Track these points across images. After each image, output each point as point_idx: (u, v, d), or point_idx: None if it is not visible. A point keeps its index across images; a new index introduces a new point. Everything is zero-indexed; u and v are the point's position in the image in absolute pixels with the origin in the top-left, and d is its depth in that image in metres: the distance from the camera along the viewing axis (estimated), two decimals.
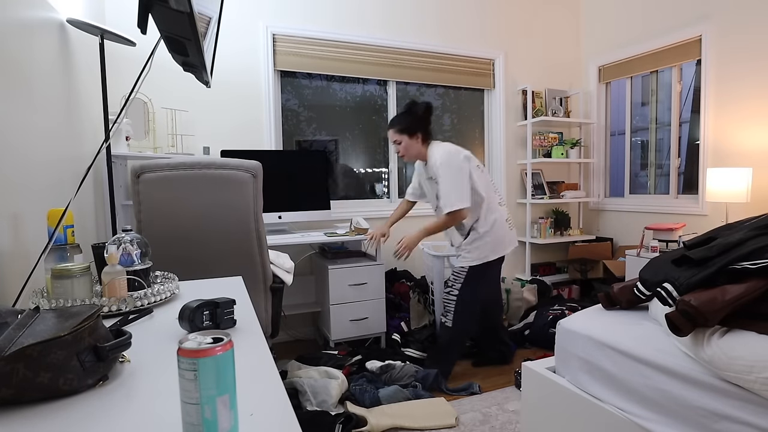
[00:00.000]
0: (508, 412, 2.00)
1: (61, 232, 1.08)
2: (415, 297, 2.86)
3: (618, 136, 3.89)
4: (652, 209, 3.36)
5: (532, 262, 3.71)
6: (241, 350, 0.72)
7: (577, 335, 1.43)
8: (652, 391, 1.18)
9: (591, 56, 3.83)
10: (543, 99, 3.66)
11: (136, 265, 1.06)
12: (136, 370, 0.65)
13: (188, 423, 0.45)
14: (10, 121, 1.19)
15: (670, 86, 3.36)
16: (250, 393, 0.57)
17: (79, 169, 1.80)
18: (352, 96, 3.28)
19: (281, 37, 2.91)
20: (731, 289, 1.04)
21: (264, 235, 1.66)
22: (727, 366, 1.01)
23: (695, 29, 3.00)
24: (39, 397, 0.56)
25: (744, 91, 2.77)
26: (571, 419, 1.42)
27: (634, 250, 2.97)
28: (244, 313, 0.93)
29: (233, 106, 2.83)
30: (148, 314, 0.94)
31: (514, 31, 3.64)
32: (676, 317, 1.09)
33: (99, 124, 2.18)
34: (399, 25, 3.24)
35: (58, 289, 0.92)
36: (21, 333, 0.59)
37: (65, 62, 1.72)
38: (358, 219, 2.68)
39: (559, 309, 2.85)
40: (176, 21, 1.10)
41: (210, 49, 1.67)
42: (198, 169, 1.54)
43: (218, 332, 0.49)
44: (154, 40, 2.51)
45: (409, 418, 1.89)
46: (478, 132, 3.71)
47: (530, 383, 1.59)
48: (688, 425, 1.10)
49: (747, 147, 2.77)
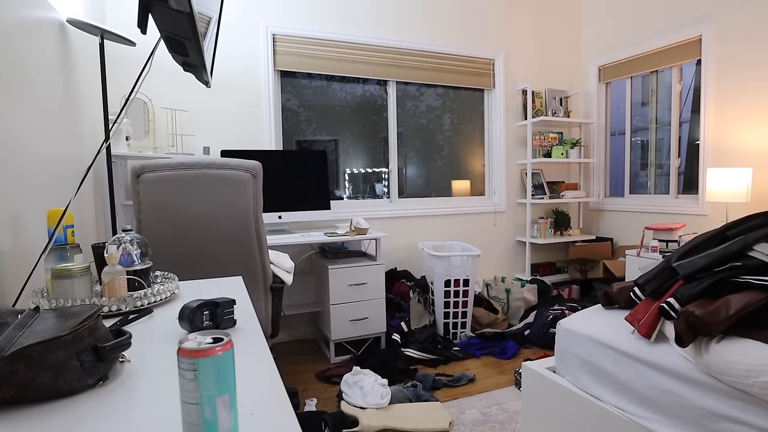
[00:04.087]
0: (508, 412, 2.00)
1: (61, 232, 1.08)
2: (415, 297, 2.86)
3: (618, 136, 3.89)
4: (652, 209, 3.36)
5: (532, 262, 3.71)
6: (241, 350, 0.72)
7: (577, 335, 1.43)
8: (652, 391, 1.18)
9: (591, 56, 3.83)
10: (543, 99, 3.66)
11: (136, 265, 1.06)
12: (136, 370, 0.65)
13: (188, 423, 0.45)
14: (10, 121, 1.19)
15: (670, 86, 3.35)
16: (250, 393, 0.57)
17: (79, 169, 1.80)
18: (352, 96, 3.28)
19: (281, 37, 2.91)
20: (734, 302, 1.06)
21: (264, 235, 1.66)
22: (725, 371, 1.01)
23: (695, 29, 3.00)
24: (39, 397, 0.56)
25: (744, 91, 2.77)
26: (571, 419, 1.42)
27: (634, 250, 2.97)
28: (244, 313, 0.93)
29: (233, 106, 2.83)
30: (148, 314, 0.94)
31: (514, 31, 3.64)
32: (680, 328, 1.09)
33: (99, 124, 2.18)
34: (399, 25, 3.24)
35: (58, 289, 0.92)
36: (21, 333, 0.59)
37: (65, 62, 1.72)
38: (358, 219, 2.68)
39: (559, 309, 2.85)
40: (176, 21, 1.10)
41: (210, 49, 1.67)
42: (198, 169, 1.55)
43: (218, 332, 0.49)
44: (154, 40, 2.52)
45: (402, 420, 1.89)
46: (478, 132, 3.71)
47: (530, 383, 1.59)
48: (688, 425, 1.10)
49: (747, 147, 2.77)
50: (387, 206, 3.32)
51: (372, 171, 3.38)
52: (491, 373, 2.42)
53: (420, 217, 3.37)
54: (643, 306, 1.32)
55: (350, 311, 2.61)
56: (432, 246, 3.25)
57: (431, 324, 2.86)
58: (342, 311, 2.60)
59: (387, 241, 3.25)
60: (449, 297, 2.81)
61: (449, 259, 2.81)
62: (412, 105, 3.45)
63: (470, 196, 3.68)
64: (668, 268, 1.32)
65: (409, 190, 3.49)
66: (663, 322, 1.23)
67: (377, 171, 3.39)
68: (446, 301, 2.81)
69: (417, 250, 3.37)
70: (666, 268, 1.33)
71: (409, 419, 1.91)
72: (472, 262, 2.82)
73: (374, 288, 2.67)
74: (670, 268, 1.32)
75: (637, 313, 1.31)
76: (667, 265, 1.33)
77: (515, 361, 2.57)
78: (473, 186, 3.71)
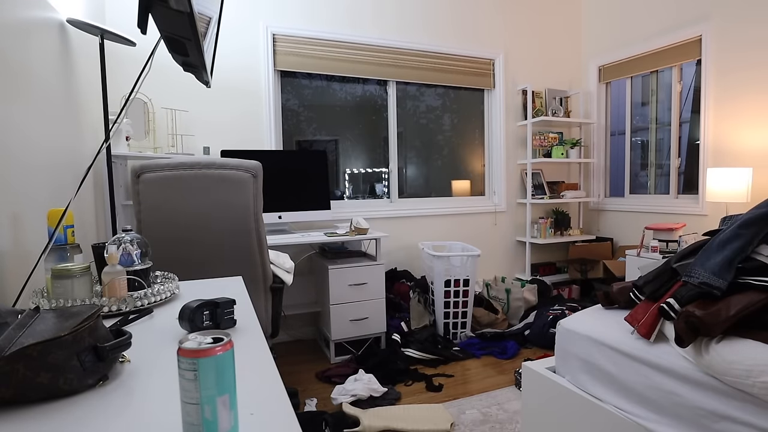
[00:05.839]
0: (508, 412, 2.00)
1: (61, 232, 1.08)
2: (415, 297, 2.86)
3: (618, 136, 3.89)
4: (652, 209, 3.36)
5: (532, 262, 3.71)
6: (241, 350, 0.72)
7: (577, 335, 1.43)
8: (652, 391, 1.18)
9: (591, 56, 3.83)
10: (543, 99, 3.66)
11: (136, 265, 1.06)
12: (136, 370, 0.65)
13: (188, 423, 0.45)
14: (10, 121, 1.19)
15: (670, 86, 3.35)
16: (250, 393, 0.57)
17: (79, 169, 1.80)
18: (352, 96, 3.28)
19: (281, 37, 2.91)
20: (734, 302, 1.06)
21: (264, 235, 1.66)
22: (725, 371, 1.01)
23: (695, 29, 3.00)
24: (39, 397, 0.56)
25: (744, 91, 2.77)
26: (571, 419, 1.42)
27: (634, 250, 2.97)
28: (244, 313, 0.93)
29: (233, 106, 2.83)
30: (148, 314, 0.94)
31: (514, 31, 3.64)
32: (680, 328, 1.09)
33: (99, 124, 2.18)
34: (399, 25, 3.24)
35: (58, 289, 0.92)
36: (21, 333, 0.59)
37: (65, 62, 1.72)
38: (358, 219, 2.68)
39: (559, 309, 2.85)
40: (176, 21, 1.10)
41: (210, 49, 1.67)
42: (198, 169, 1.55)
43: (218, 332, 0.49)
44: (154, 40, 2.52)
45: (403, 421, 1.89)
46: (478, 132, 3.71)
47: (530, 383, 1.59)
48: (688, 425, 1.10)
49: (747, 147, 2.77)
50: (387, 206, 3.32)
51: (372, 171, 3.38)
52: (491, 373, 2.42)
53: (420, 217, 3.37)
54: (642, 306, 1.32)
55: (350, 311, 2.61)
56: (432, 246, 3.25)
57: (431, 324, 2.86)
58: (342, 311, 2.60)
59: (387, 241, 3.25)
60: (449, 297, 2.81)
61: (449, 259, 2.81)
62: (412, 105, 3.45)
63: (470, 196, 3.68)
64: (667, 270, 1.32)
65: (409, 190, 3.49)
66: (663, 322, 1.23)
67: (377, 171, 3.39)
68: (446, 301, 2.81)
69: (417, 250, 3.37)
70: (665, 270, 1.33)
71: (411, 420, 1.91)
72: (472, 262, 2.82)
73: (374, 288, 2.67)
74: (670, 269, 1.32)
75: (636, 313, 1.31)
76: (666, 267, 1.33)
77: (515, 361, 2.58)
78: (473, 186, 3.71)
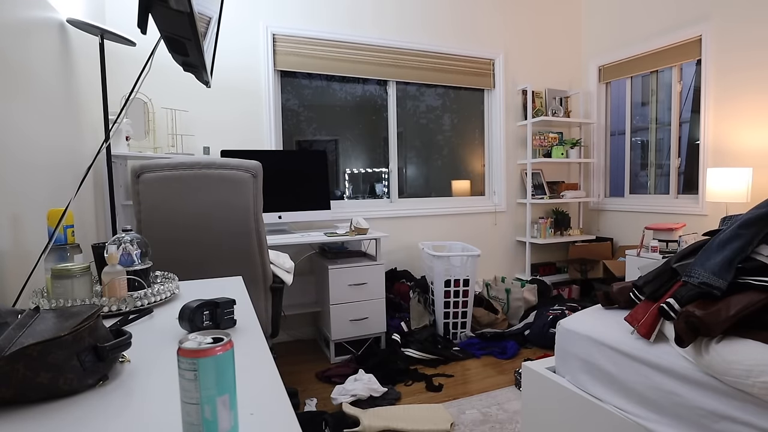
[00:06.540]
0: (508, 412, 2.00)
1: (61, 232, 1.08)
2: (415, 297, 2.86)
3: (618, 136, 3.89)
4: (652, 209, 3.36)
5: (532, 262, 3.71)
6: (241, 350, 0.72)
7: (577, 335, 1.43)
8: (652, 391, 1.18)
9: (591, 56, 3.83)
10: (543, 99, 3.66)
11: (136, 265, 1.06)
12: (136, 370, 0.65)
13: (188, 423, 0.45)
14: (10, 121, 1.19)
15: (670, 86, 3.35)
16: (250, 393, 0.57)
17: (79, 169, 1.80)
18: (352, 96, 3.28)
19: (281, 37, 2.91)
20: (734, 302, 1.06)
21: (264, 235, 1.66)
22: (725, 371, 1.01)
23: (695, 29, 3.00)
24: (39, 397, 0.56)
25: (744, 91, 2.77)
26: (571, 419, 1.42)
27: (634, 250, 2.97)
28: (244, 313, 0.93)
29: (233, 106, 2.83)
30: (148, 314, 0.94)
31: (514, 31, 3.64)
32: (680, 328, 1.09)
33: (99, 124, 2.18)
34: (399, 25, 3.24)
35: (58, 289, 0.92)
36: (21, 333, 0.59)
37: (65, 62, 1.72)
38: (358, 219, 2.68)
39: (559, 309, 2.85)
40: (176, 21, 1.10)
41: (210, 49, 1.67)
42: (198, 169, 1.55)
43: (218, 332, 0.49)
44: (154, 40, 2.53)
45: (403, 421, 1.89)
46: (478, 132, 3.71)
47: (530, 383, 1.59)
48: (688, 425, 1.10)
49: (747, 147, 2.77)
50: (387, 206, 3.32)
51: (372, 171, 3.38)
52: (491, 373, 2.42)
53: (420, 217, 3.37)
54: (642, 306, 1.32)
55: (350, 311, 2.61)
56: (432, 246, 3.25)
57: (431, 324, 2.86)
58: (342, 311, 2.60)
59: (387, 241, 3.25)
60: (449, 297, 2.81)
61: (449, 259, 2.81)
62: (412, 105, 3.45)
63: (470, 196, 3.68)
64: (667, 270, 1.32)
65: (409, 190, 3.49)
66: (663, 322, 1.23)
67: (377, 171, 3.39)
68: (446, 301, 2.81)
69: (417, 250, 3.37)
70: (665, 270, 1.33)
71: (411, 420, 1.90)
72: (472, 262, 2.82)
73: (374, 288, 2.67)
74: (670, 269, 1.32)
75: (636, 313, 1.31)
76: (666, 267, 1.33)
77: (515, 361, 2.58)
78: (473, 186, 3.71)
